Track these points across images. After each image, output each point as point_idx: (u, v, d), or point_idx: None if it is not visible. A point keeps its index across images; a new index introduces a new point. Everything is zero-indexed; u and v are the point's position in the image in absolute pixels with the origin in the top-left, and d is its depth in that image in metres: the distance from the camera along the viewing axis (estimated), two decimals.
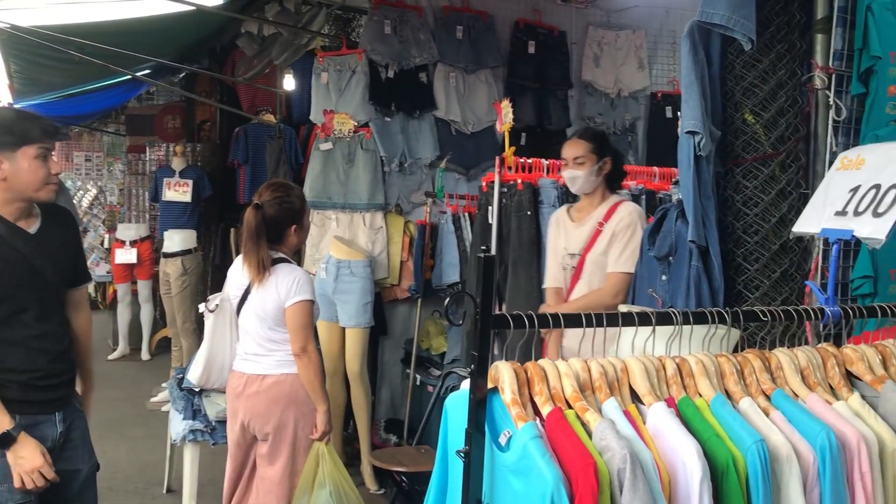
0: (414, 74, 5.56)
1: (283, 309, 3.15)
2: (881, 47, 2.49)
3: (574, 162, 3.38)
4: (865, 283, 2.43)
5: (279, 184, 3.35)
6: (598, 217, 3.38)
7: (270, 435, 3.20)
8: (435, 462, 1.73)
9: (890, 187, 1.81)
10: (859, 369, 1.79)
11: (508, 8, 5.98)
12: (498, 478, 1.52)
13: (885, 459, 1.61)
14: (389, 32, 5.47)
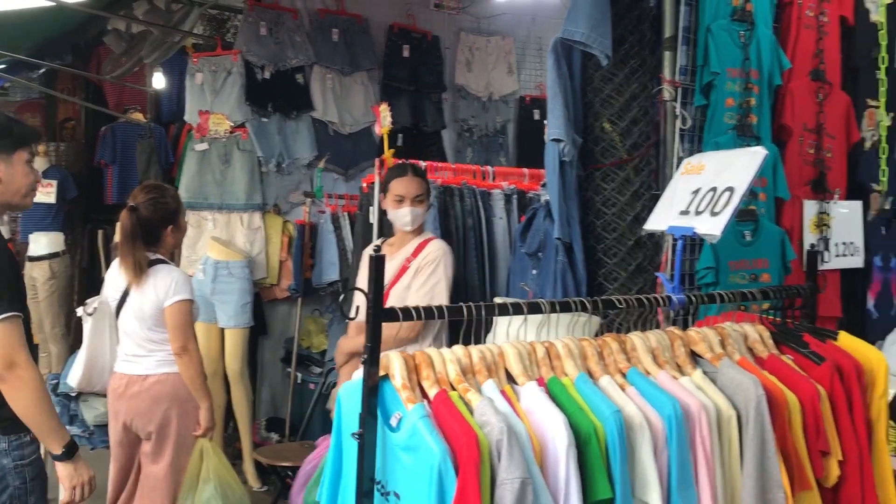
0: (290, 76, 5.62)
1: (161, 309, 3.19)
2: (719, 64, 2.81)
3: (414, 200, 3.25)
4: (708, 274, 2.74)
5: (153, 185, 3.39)
6: (408, 253, 3.29)
7: (153, 434, 3.23)
8: (329, 448, 1.87)
9: (724, 189, 2.08)
10: (701, 349, 2.06)
11: (383, 12, 6.13)
12: (390, 456, 1.67)
13: (722, 425, 1.87)
14: (265, 34, 5.51)
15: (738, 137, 2.84)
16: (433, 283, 3.18)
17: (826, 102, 3.16)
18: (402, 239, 3.36)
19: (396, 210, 3.27)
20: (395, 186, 3.27)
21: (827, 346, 2.19)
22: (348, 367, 3.22)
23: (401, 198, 3.25)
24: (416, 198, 3.25)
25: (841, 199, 3.23)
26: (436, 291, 3.17)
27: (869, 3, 3.37)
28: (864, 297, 3.39)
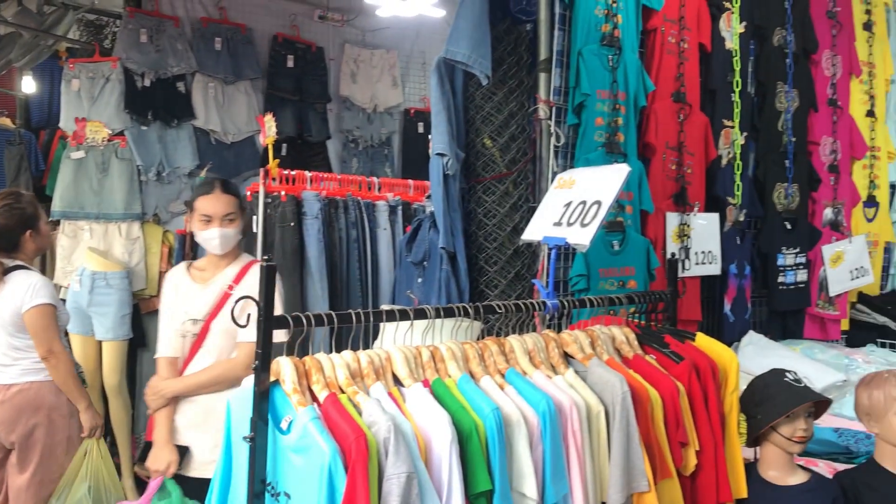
0: (171, 84, 5.53)
1: (20, 315, 3.16)
2: (590, 86, 3.00)
3: (224, 219, 2.88)
4: (581, 281, 2.92)
5: (8, 192, 3.37)
6: (228, 279, 2.92)
7: (16, 444, 3.19)
8: (220, 454, 1.91)
9: (593, 203, 2.25)
10: (573, 350, 2.22)
11: (267, 22, 6.12)
12: (280, 458, 1.73)
13: (591, 420, 2.02)
14: (146, 41, 5.41)
15: (607, 154, 3.04)
16: None
17: (686, 122, 3.41)
18: (216, 264, 2.96)
19: (203, 231, 2.89)
20: (202, 205, 2.89)
21: (686, 346, 2.39)
22: (166, 411, 2.89)
23: (208, 217, 2.87)
24: (225, 217, 2.88)
25: (700, 212, 3.49)
26: None
27: (724, 32, 3.67)
28: (721, 301, 3.67)
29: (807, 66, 4.12)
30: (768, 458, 2.36)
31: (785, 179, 3.96)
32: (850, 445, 2.77)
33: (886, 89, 4.67)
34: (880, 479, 2.37)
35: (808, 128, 4.12)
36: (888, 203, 4.67)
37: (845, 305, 4.30)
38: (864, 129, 4.45)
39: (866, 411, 2.41)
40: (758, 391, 2.36)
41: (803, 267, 4.03)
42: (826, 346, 3.93)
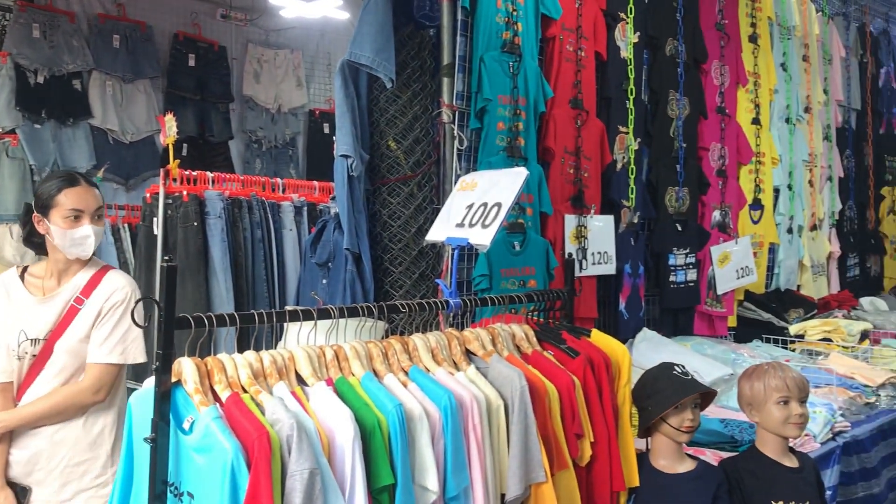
0: (67, 81, 5.37)
1: None
2: (491, 91, 3.09)
3: (95, 214, 2.51)
4: (483, 280, 3.00)
5: None
6: (75, 289, 2.53)
7: None
8: (121, 456, 1.89)
9: (493, 205, 2.32)
10: (475, 347, 2.28)
11: (167, 20, 6.01)
12: (183, 458, 1.73)
13: (491, 414, 2.09)
14: (38, 37, 5.23)
15: (508, 158, 3.13)
16: (122, 332, 2.52)
17: (583, 128, 3.54)
18: (62, 271, 2.54)
19: (72, 230, 2.46)
20: (69, 199, 2.46)
21: (581, 342, 2.49)
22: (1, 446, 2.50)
23: (78, 213, 2.46)
24: (96, 212, 2.51)
25: (596, 214, 3.63)
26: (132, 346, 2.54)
27: (619, 42, 3.82)
28: (616, 300, 3.82)
29: (697, 75, 4.33)
30: (658, 447, 2.48)
31: (676, 183, 4.15)
32: (735, 435, 2.93)
33: (770, 98, 4.95)
34: (760, 465, 2.53)
35: (698, 134, 4.33)
36: (772, 206, 4.95)
37: (732, 303, 4.54)
38: (750, 136, 4.70)
39: (748, 401, 2.56)
40: (648, 384, 2.48)
41: (693, 267, 4.23)
42: (715, 341, 4.14)
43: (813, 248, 5.40)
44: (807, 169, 5.33)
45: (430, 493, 1.90)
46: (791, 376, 2.50)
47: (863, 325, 4.57)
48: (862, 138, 6.23)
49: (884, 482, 3.67)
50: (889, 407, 3.83)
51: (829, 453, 3.18)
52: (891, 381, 3.90)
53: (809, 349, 4.35)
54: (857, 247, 6.04)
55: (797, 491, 2.49)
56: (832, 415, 3.31)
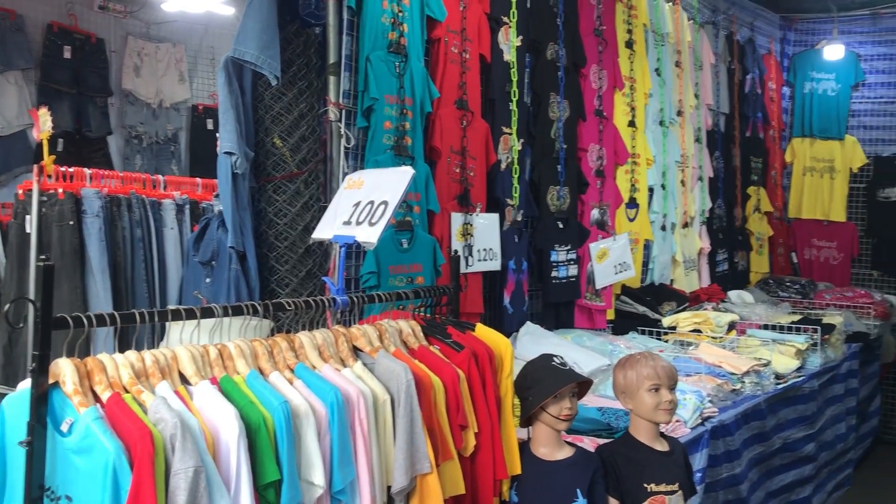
0: None
1: None
2: (378, 91, 3.12)
3: None
4: (371, 278, 3.03)
5: None
6: None
7: None
8: None
9: (380, 203, 2.36)
10: (361, 343, 2.32)
11: (40, 9, 5.75)
12: (61, 461, 1.69)
13: (378, 408, 2.13)
14: None
15: (396, 157, 3.18)
16: None
17: (469, 128, 3.63)
18: None
19: None
20: None
21: (466, 336, 2.56)
22: None
23: None
24: None
25: (482, 212, 3.72)
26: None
27: (503, 45, 3.93)
28: (501, 295, 3.92)
29: (576, 78, 4.50)
30: (539, 436, 2.59)
31: (557, 182, 4.30)
32: (611, 422, 3.07)
33: (645, 102, 5.19)
34: (634, 450, 2.67)
35: (577, 136, 4.50)
36: (647, 205, 5.19)
37: (610, 297, 4.74)
38: (626, 138, 4.92)
39: (622, 390, 2.70)
40: (529, 375, 2.58)
41: (574, 263, 4.39)
42: (594, 334, 4.31)
43: (685, 244, 5.69)
44: (679, 169, 5.61)
45: (317, 487, 1.92)
46: (661, 365, 2.65)
47: (730, 317, 4.86)
48: (730, 140, 6.60)
49: (745, 462, 3.94)
50: (752, 393, 4.10)
51: (699, 437, 3.38)
52: (755, 369, 4.17)
53: (681, 340, 4.59)
54: (725, 243, 6.39)
55: (668, 473, 2.64)
56: (701, 401, 3.51)
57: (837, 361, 5.28)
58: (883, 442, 6.85)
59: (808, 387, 4.74)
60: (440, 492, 2.19)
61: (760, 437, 4.18)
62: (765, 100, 7.15)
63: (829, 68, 7.37)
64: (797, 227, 7.61)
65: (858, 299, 6.36)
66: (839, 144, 7.39)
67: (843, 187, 7.42)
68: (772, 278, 6.82)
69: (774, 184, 7.36)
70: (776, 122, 7.40)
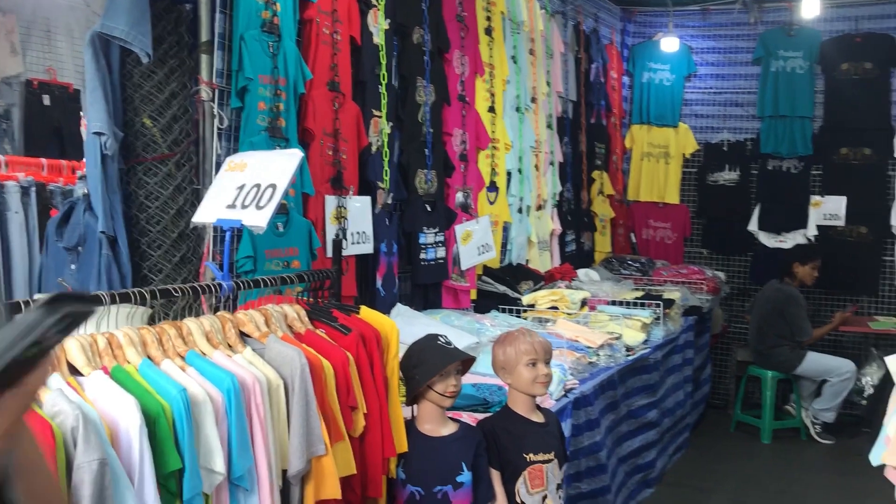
0: None
1: None
2: (252, 70, 3.06)
3: None
4: (247, 262, 2.99)
5: None
6: None
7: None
8: None
9: (267, 186, 2.34)
10: (249, 329, 2.29)
11: None
12: None
13: (272, 393, 2.13)
14: None
15: (270, 139, 3.13)
16: None
17: (341, 110, 3.62)
18: None
19: None
20: None
21: (352, 318, 2.59)
22: None
23: None
24: None
25: (354, 195, 3.74)
26: None
27: (372, 28, 3.94)
28: (373, 278, 3.96)
29: (441, 63, 4.58)
30: (424, 413, 2.66)
31: (425, 166, 4.37)
32: (486, 397, 3.20)
33: (503, 88, 5.35)
34: (513, 422, 2.80)
35: (442, 120, 4.59)
36: (506, 188, 5.37)
37: (473, 278, 4.88)
38: (487, 123, 5.06)
39: (501, 365, 2.82)
40: (415, 354, 2.64)
41: (441, 245, 4.49)
42: (460, 313, 4.43)
43: (539, 226, 5.93)
44: (533, 154, 5.83)
45: (217, 474, 1.91)
46: (538, 340, 2.79)
47: (583, 294, 5.13)
48: (577, 127, 6.92)
49: (603, 430, 4.20)
50: (607, 364, 4.37)
51: (563, 409, 3.58)
52: (608, 343, 4.44)
53: (540, 317, 4.80)
54: (573, 225, 6.72)
55: (545, 443, 2.79)
56: (564, 374, 3.71)
57: (676, 333, 5.70)
58: (712, 406, 7.45)
59: (653, 358, 5.10)
60: (336, 473, 2.22)
61: (612, 406, 4.47)
62: (607, 88, 7.53)
63: (664, 59, 7.86)
64: (636, 209, 8.09)
65: (692, 276, 6.87)
66: (673, 131, 7.91)
67: (676, 172, 7.96)
68: (614, 257, 7.24)
69: (616, 168, 7.79)
70: (617, 110, 7.81)
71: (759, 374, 6.88)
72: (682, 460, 6.14)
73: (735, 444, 6.69)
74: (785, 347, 6.75)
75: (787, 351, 6.75)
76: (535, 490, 2.75)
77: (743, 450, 6.53)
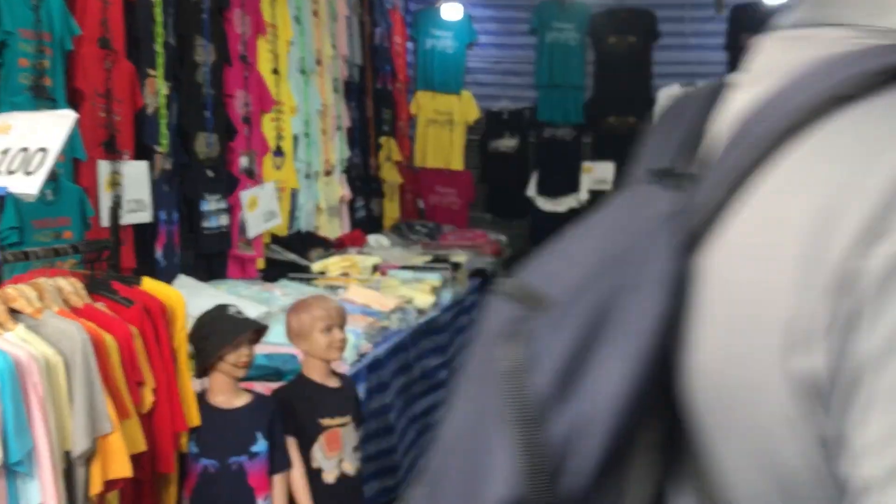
0: None
1: None
2: (11, 23, 2.78)
3: None
4: (12, 234, 2.74)
5: None
6: None
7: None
8: None
9: (37, 150, 2.15)
10: (21, 305, 2.12)
11: None
12: None
13: (51, 371, 1.99)
14: None
15: (35, 98, 2.87)
16: None
17: (113, 69, 3.38)
18: None
19: None
20: None
21: (134, 290, 2.47)
22: None
23: None
24: None
25: (130, 160, 3.52)
26: None
27: None
28: (152, 248, 3.77)
29: (221, 22, 4.40)
30: (216, 385, 2.60)
31: (206, 129, 4.20)
32: (278, 366, 3.17)
33: (287, 50, 5.24)
34: (309, 388, 2.81)
35: (224, 81, 4.42)
36: (292, 153, 5.29)
37: (261, 246, 4.79)
38: (271, 85, 4.94)
39: (296, 333, 2.81)
40: (205, 325, 2.57)
41: (225, 212, 4.35)
42: (248, 283, 4.34)
43: (327, 192, 5.91)
44: (321, 118, 5.78)
45: None
46: (333, 306, 2.81)
47: (374, 260, 5.20)
48: (364, 92, 6.93)
49: (393, 392, 4.31)
50: (399, 328, 4.47)
51: (358, 373, 3.63)
52: (400, 307, 4.54)
53: (331, 284, 4.81)
54: (362, 191, 6.75)
55: (341, 407, 2.83)
56: (358, 339, 3.76)
57: (464, 295, 5.94)
58: None
59: (443, 319, 5.29)
60: (125, 451, 2.12)
61: (405, 368, 4.59)
62: (392, 53, 7.60)
63: (447, 27, 8.04)
64: (423, 175, 8.27)
65: (477, 239, 7.17)
66: (457, 99, 8.13)
67: (460, 138, 8.21)
68: (403, 223, 7.38)
69: (402, 134, 7.90)
70: (402, 76, 7.90)
71: None
72: None
73: None
74: None
75: None
76: (331, 454, 2.78)
77: None
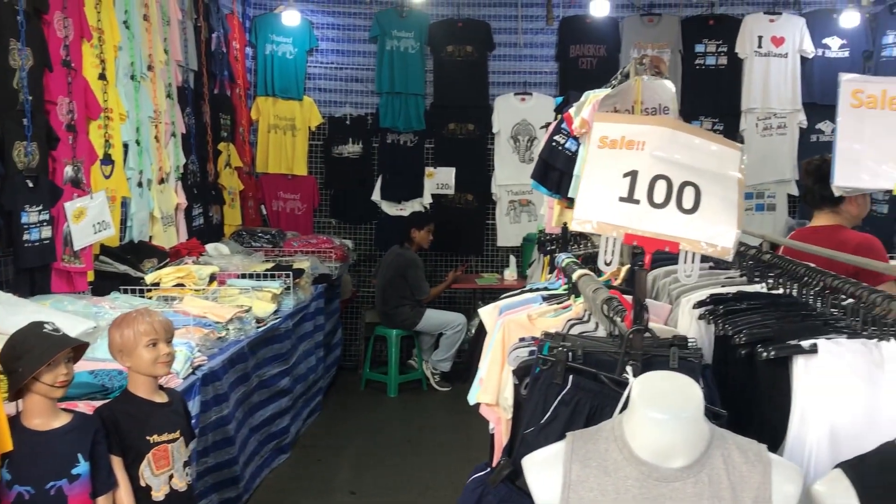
0: None
1: None
2: None
3: None
4: None
5: None
6: None
7: None
8: None
9: None
10: None
11: None
12: None
13: None
14: None
15: None
16: None
17: None
18: None
19: None
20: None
21: None
22: None
23: None
24: None
25: None
26: None
27: None
28: None
29: (39, 25, 4.17)
30: (32, 407, 2.47)
31: (24, 138, 3.97)
32: (105, 383, 3.05)
33: (115, 55, 5.03)
34: (134, 405, 2.72)
35: (44, 87, 4.19)
36: (122, 161, 5.08)
37: (90, 258, 4.57)
38: (98, 92, 4.73)
39: (119, 348, 2.71)
40: (17, 345, 2.44)
41: (47, 224, 4.13)
42: (75, 297, 4.14)
43: (162, 200, 5.71)
44: (153, 125, 5.58)
45: None
46: (157, 320, 2.73)
47: (211, 269, 5.08)
48: (200, 97, 6.75)
49: (232, 403, 4.24)
50: (237, 338, 4.40)
51: (191, 387, 3.55)
52: (237, 316, 4.47)
53: (166, 296, 4.67)
54: (200, 198, 6.57)
55: (169, 423, 2.76)
56: (191, 352, 3.67)
57: (307, 301, 5.91)
58: (343, 368, 7.85)
59: (284, 327, 5.24)
60: None
61: (243, 378, 4.52)
62: (230, 59, 7.44)
63: (287, 33, 7.96)
64: (265, 181, 8.15)
65: (321, 245, 7.14)
66: (298, 104, 8.08)
67: (303, 144, 8.16)
68: (245, 230, 7.24)
69: (243, 140, 7.75)
70: (241, 81, 7.76)
71: (385, 334, 7.41)
72: (316, 423, 6.41)
73: (365, 401, 7.15)
74: (406, 307, 7.35)
75: (408, 310, 7.35)
76: (160, 471, 2.71)
77: (372, 406, 7.01)
